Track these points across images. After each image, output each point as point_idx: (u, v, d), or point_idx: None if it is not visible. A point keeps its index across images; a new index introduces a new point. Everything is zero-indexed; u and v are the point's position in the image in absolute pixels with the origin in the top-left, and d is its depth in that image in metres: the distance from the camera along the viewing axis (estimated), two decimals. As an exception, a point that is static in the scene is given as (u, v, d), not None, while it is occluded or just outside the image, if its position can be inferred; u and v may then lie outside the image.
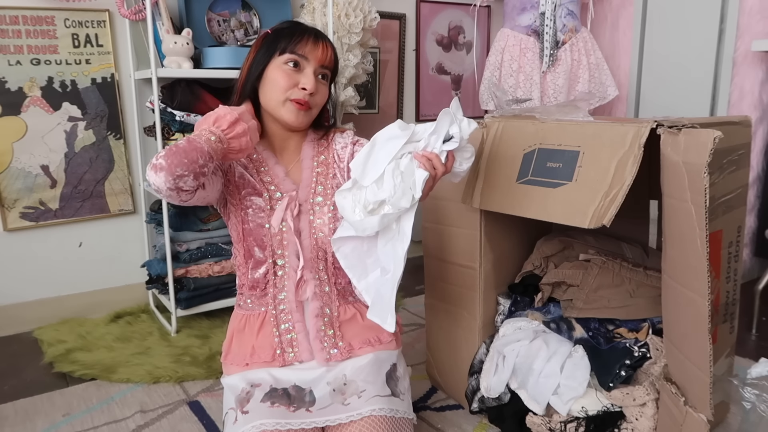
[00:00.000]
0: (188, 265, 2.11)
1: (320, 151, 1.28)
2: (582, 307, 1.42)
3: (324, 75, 1.21)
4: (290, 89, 1.17)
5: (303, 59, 1.17)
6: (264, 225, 1.19)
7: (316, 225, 1.21)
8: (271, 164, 1.24)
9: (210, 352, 1.92)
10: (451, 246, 1.54)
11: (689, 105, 2.64)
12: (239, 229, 1.20)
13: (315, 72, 1.18)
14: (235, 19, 2.28)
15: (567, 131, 1.25)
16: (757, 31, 2.36)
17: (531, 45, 2.50)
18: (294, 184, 1.23)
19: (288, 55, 1.17)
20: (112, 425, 1.55)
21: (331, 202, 1.21)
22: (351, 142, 1.30)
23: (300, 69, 1.18)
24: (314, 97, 1.19)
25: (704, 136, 0.99)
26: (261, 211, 1.19)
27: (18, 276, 2.15)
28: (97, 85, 2.17)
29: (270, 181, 1.22)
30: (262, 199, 1.20)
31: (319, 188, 1.24)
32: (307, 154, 1.27)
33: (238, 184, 1.21)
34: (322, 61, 1.19)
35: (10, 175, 2.08)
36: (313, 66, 1.18)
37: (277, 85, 1.17)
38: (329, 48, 1.21)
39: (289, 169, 1.25)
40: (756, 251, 2.49)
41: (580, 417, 1.32)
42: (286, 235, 1.19)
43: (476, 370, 1.52)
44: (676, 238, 1.11)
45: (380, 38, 2.77)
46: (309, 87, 1.16)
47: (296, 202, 1.20)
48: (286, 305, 1.21)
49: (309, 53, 1.17)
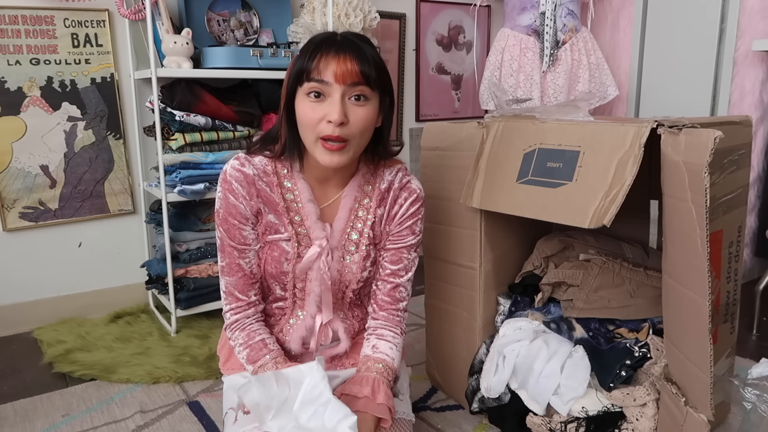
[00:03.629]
0: (188, 265, 2.11)
1: (365, 192, 1.15)
2: (582, 307, 1.42)
3: (360, 95, 1.00)
4: (317, 125, 1.00)
5: (324, 85, 0.98)
6: (288, 272, 1.11)
7: (343, 273, 1.14)
8: (305, 201, 1.11)
9: (210, 352, 1.92)
10: (451, 246, 1.53)
11: (689, 105, 2.63)
12: (261, 267, 1.12)
13: (343, 95, 0.99)
14: (234, 19, 2.28)
15: (567, 131, 1.25)
16: (758, 31, 2.36)
17: (531, 45, 2.50)
18: (326, 228, 1.11)
19: (306, 86, 1.00)
20: (112, 425, 1.55)
21: (364, 252, 1.14)
22: (399, 185, 1.16)
23: (325, 97, 1.00)
24: (347, 127, 1.00)
25: (705, 136, 0.99)
26: (285, 257, 1.11)
27: (18, 276, 2.15)
28: (96, 85, 2.17)
29: (300, 222, 1.11)
30: (288, 244, 1.10)
31: (353, 235, 1.15)
32: (350, 193, 1.14)
33: (266, 225, 1.11)
34: (348, 80, 0.98)
35: (9, 175, 2.07)
36: (340, 89, 0.98)
37: (305, 123, 1.01)
38: (352, 60, 0.98)
39: (324, 208, 1.13)
40: (756, 251, 2.49)
41: (580, 417, 1.32)
42: (309, 284, 1.13)
43: (476, 370, 1.52)
44: (676, 238, 1.10)
45: (380, 38, 2.76)
46: (334, 118, 0.97)
47: (327, 251, 1.11)
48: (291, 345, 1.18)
49: (329, 75, 0.98)
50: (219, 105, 2.05)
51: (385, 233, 1.18)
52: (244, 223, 1.10)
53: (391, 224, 1.17)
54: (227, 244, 1.11)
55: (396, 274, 1.19)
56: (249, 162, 1.10)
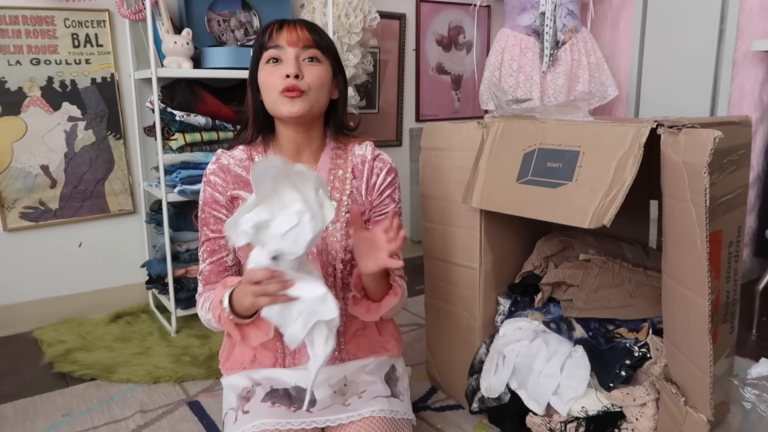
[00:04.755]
0: (188, 265, 2.11)
1: (338, 165, 1.23)
2: (582, 307, 1.42)
3: (312, 58, 1.13)
4: (277, 83, 1.11)
5: (279, 50, 1.12)
6: None
7: (328, 242, 1.18)
8: None
9: (210, 352, 1.92)
10: (451, 246, 1.54)
11: (689, 105, 2.63)
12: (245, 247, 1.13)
13: (297, 56, 1.12)
14: (235, 19, 2.28)
15: (567, 131, 1.25)
16: (757, 31, 2.36)
17: (531, 45, 2.50)
18: None
19: (265, 54, 1.13)
20: (112, 425, 1.55)
21: (344, 219, 1.19)
22: (371, 156, 1.24)
23: (281, 61, 1.12)
24: (303, 80, 1.12)
25: (704, 136, 0.99)
26: None
27: (18, 276, 2.15)
28: (97, 85, 2.17)
29: None
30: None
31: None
32: (324, 166, 1.21)
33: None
34: (298, 43, 1.12)
35: (9, 175, 2.08)
36: (293, 51, 1.12)
37: (266, 86, 1.13)
38: (302, 27, 1.13)
39: None
40: (756, 251, 2.49)
41: (580, 417, 1.32)
42: None
43: (476, 370, 1.52)
44: (676, 238, 1.11)
45: (380, 38, 2.77)
46: (289, 71, 1.10)
47: None
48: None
49: (282, 41, 1.12)
50: (219, 105, 2.05)
51: (368, 203, 1.24)
52: (218, 210, 1.18)
53: (372, 194, 1.24)
54: (203, 233, 1.19)
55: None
56: (225, 153, 1.21)
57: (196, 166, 2.00)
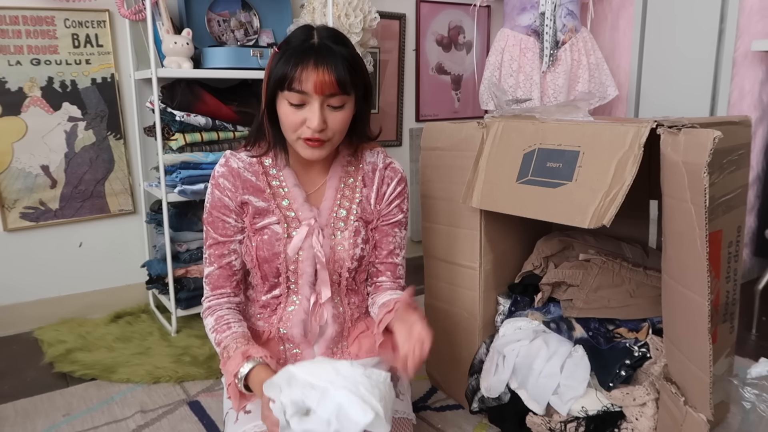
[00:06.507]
0: (188, 265, 2.11)
1: (349, 173, 1.22)
2: (582, 307, 1.42)
3: (338, 105, 1.07)
4: (298, 128, 1.07)
5: (303, 96, 1.05)
6: (279, 253, 1.14)
7: (336, 251, 1.17)
8: (291, 186, 1.17)
9: (210, 352, 1.92)
10: (451, 246, 1.54)
11: (689, 105, 2.64)
12: (253, 254, 1.15)
13: (322, 104, 1.05)
14: (235, 19, 2.28)
15: (567, 131, 1.25)
16: (757, 31, 2.36)
17: (531, 45, 2.50)
18: (313, 209, 1.17)
19: (287, 93, 1.06)
20: (113, 425, 1.55)
21: (353, 227, 1.18)
22: (383, 164, 1.23)
23: (305, 104, 1.06)
24: (326, 131, 1.08)
25: (704, 136, 0.99)
26: (276, 238, 1.14)
27: (18, 276, 2.15)
28: (97, 85, 2.17)
29: (288, 206, 1.16)
30: (278, 226, 1.15)
31: (341, 212, 1.19)
32: (334, 175, 1.20)
33: (254, 212, 1.16)
34: (324, 90, 1.04)
35: (10, 175, 2.08)
36: (318, 99, 1.05)
37: (287, 126, 1.09)
38: (329, 71, 1.04)
39: (311, 193, 1.19)
40: (756, 251, 2.49)
41: (580, 417, 1.32)
42: (302, 265, 1.15)
43: (476, 370, 1.52)
44: (676, 238, 1.11)
45: (380, 38, 2.77)
46: (314, 125, 1.05)
47: (318, 230, 1.15)
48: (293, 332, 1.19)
49: (309, 86, 1.03)
50: (219, 105, 2.05)
51: (376, 212, 1.23)
52: (227, 215, 1.16)
53: (381, 204, 1.23)
54: (210, 236, 1.17)
55: (393, 253, 1.25)
56: (234, 156, 1.18)
57: (196, 166, 2.00)
